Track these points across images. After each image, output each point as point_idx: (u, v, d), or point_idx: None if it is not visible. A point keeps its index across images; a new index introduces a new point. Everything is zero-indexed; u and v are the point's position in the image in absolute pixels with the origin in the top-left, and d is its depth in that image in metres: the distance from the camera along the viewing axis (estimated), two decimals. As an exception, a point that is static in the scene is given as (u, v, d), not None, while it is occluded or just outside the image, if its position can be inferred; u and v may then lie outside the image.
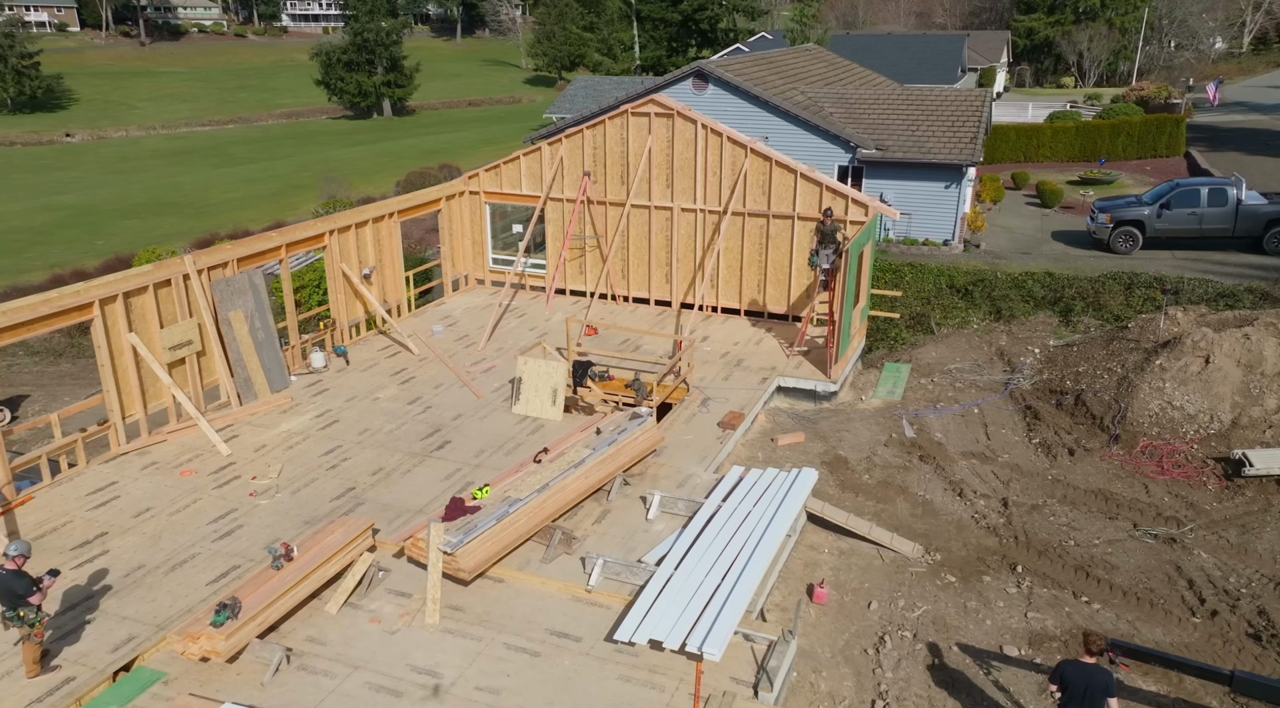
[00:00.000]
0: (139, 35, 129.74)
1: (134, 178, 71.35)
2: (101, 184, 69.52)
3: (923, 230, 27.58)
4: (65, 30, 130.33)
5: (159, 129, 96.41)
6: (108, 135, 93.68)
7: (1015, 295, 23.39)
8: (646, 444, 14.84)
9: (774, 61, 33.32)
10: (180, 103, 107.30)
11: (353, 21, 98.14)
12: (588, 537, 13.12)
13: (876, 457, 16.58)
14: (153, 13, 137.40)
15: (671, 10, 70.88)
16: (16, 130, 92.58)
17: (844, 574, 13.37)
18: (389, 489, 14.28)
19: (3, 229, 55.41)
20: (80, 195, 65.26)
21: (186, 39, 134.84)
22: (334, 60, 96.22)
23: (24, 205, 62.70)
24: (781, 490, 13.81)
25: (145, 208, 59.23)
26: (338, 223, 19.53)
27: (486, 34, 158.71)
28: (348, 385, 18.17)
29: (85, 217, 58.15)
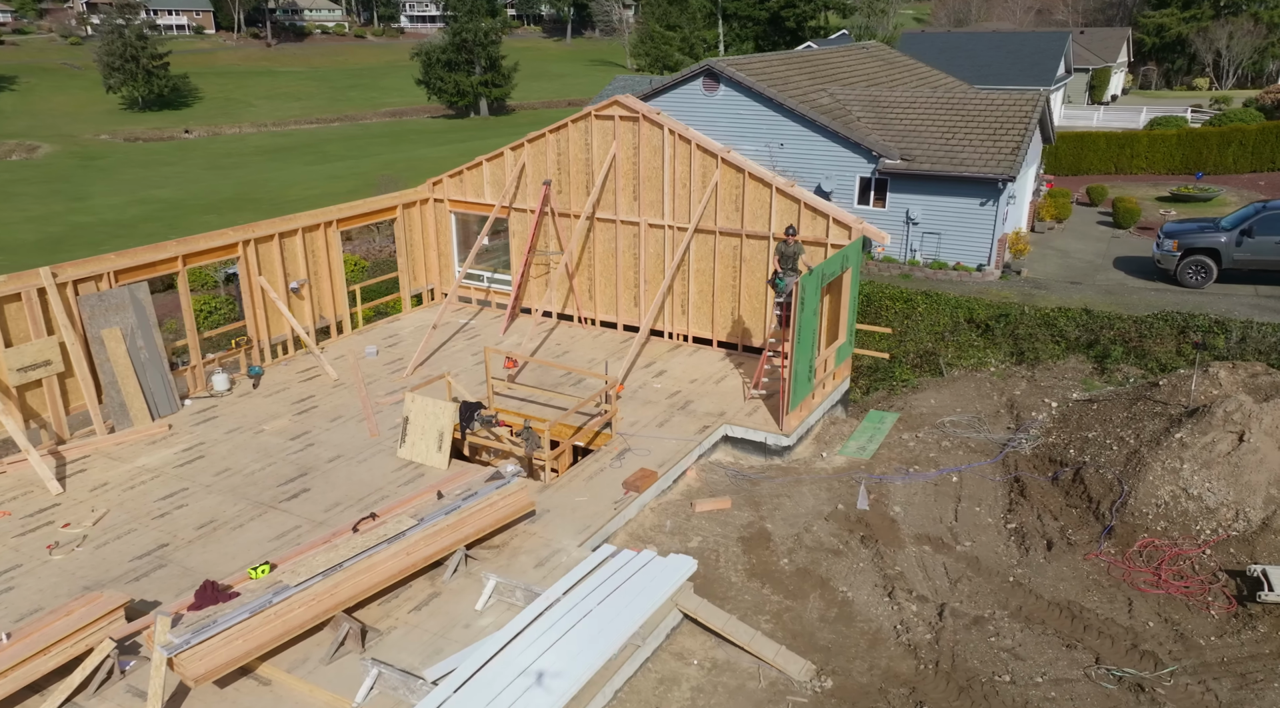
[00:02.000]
0: (266, 37, 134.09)
1: (230, 173, 72.78)
2: (199, 179, 71.09)
3: (953, 253, 23.95)
4: (202, 33, 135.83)
5: (270, 126, 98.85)
6: (222, 131, 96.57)
7: (1044, 335, 19.66)
8: (508, 511, 12.28)
9: (809, 60, 29.98)
10: (294, 101, 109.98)
11: (452, 22, 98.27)
12: (393, 630, 10.67)
13: (809, 534, 13.53)
14: (281, 15, 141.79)
15: (758, 8, 67.50)
16: (142, 126, 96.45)
17: (706, 698, 10.48)
18: (207, 549, 12.17)
19: (94, 221, 56.87)
20: (176, 190, 66.75)
21: (310, 40, 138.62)
22: (434, 60, 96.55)
23: (123, 198, 64.49)
24: (647, 582, 11.06)
25: (229, 203, 59.88)
26: (256, 232, 17.62)
27: (596, 34, 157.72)
28: (239, 413, 16.24)
29: (172, 211, 59.18)
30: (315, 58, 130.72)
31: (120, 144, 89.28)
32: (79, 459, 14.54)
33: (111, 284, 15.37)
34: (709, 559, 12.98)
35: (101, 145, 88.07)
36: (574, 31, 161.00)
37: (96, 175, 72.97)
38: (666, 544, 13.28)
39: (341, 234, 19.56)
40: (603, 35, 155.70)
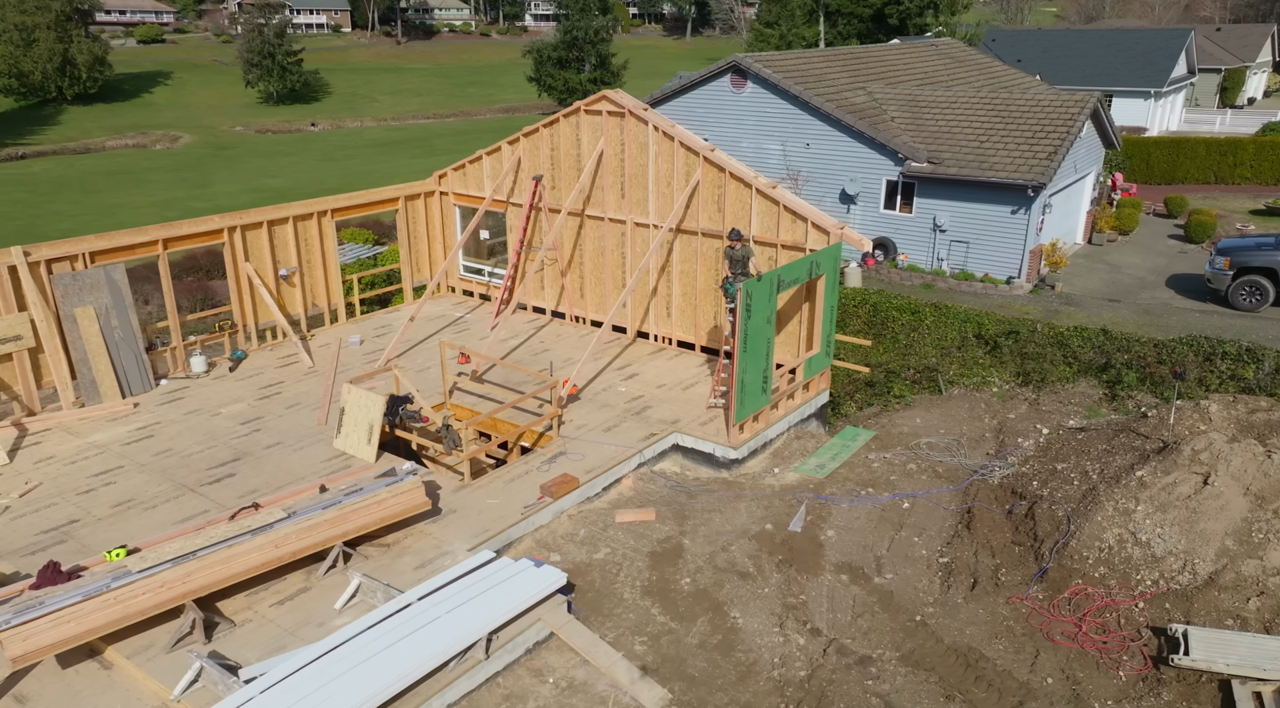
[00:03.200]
0: (397, 35, 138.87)
1: (341, 165, 75.54)
2: (311, 170, 74.03)
3: (981, 263, 22.26)
4: (339, 31, 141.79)
5: (389, 121, 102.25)
6: (344, 125, 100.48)
7: (1055, 355, 17.97)
8: (397, 509, 11.94)
9: (857, 57, 28.51)
10: (415, 97, 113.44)
11: (564, 20, 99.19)
12: (248, 624, 10.50)
13: (725, 554, 12.69)
14: (412, 14, 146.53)
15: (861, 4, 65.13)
16: (274, 119, 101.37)
17: (547, 721, 9.89)
18: (112, 528, 12.31)
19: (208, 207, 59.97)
20: (287, 179, 69.72)
21: (438, 38, 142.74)
22: (545, 58, 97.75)
23: (239, 186, 67.77)
24: (505, 593, 10.53)
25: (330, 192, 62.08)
26: (244, 219, 17.90)
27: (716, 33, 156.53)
28: (206, 396, 16.51)
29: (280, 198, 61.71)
30: (441, 55, 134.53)
31: (251, 136, 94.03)
32: (40, 432, 15.04)
33: (87, 265, 15.84)
34: (609, 573, 12.33)
35: (234, 136, 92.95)
36: (694, 30, 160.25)
37: (222, 164, 76.96)
38: (573, 554, 12.70)
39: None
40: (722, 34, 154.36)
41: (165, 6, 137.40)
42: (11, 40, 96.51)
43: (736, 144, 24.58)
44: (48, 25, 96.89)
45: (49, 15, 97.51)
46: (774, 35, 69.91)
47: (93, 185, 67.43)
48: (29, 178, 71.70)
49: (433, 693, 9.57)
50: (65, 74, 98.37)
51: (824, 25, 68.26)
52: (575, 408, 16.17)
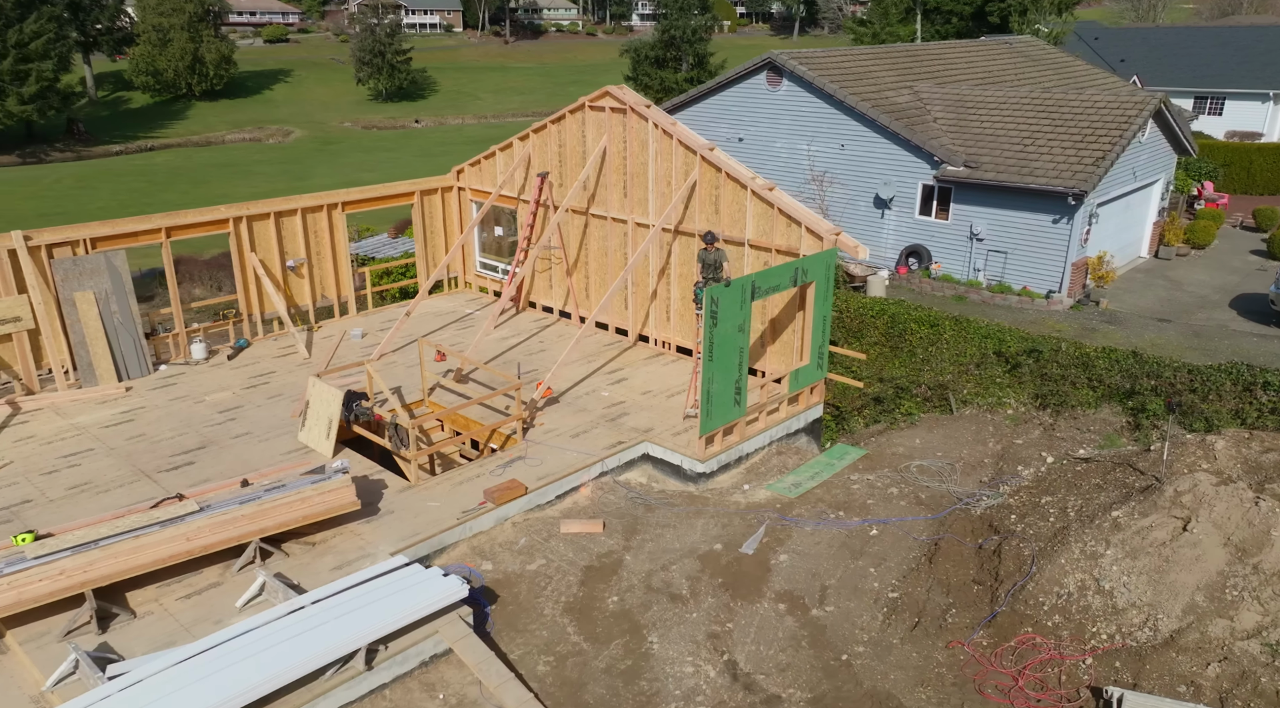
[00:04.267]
0: (505, 34, 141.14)
1: (435, 160, 77.00)
2: (406, 164, 75.76)
3: (1019, 275, 20.61)
4: (450, 31, 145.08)
5: (489, 118, 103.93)
6: (446, 122, 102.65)
7: (1079, 378, 16.40)
8: (322, 507, 11.64)
9: (910, 54, 26.93)
10: (517, 95, 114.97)
11: (662, 19, 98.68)
12: (148, 616, 10.36)
13: (664, 573, 11.94)
14: (521, 14, 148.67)
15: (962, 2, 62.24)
16: (380, 116, 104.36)
17: (422, 740, 9.40)
18: (60, 510, 12.41)
19: (304, 197, 61.94)
20: (381, 173, 71.50)
21: (544, 38, 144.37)
22: (642, 57, 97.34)
23: (335, 179, 69.82)
24: (400, 603, 10.08)
25: (419, 186, 63.24)
26: (250, 210, 18.05)
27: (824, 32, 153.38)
28: (197, 382, 16.68)
29: (370, 191, 63.39)
30: (546, 54, 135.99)
31: (357, 131, 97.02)
32: (32, 411, 15.43)
33: (88, 250, 16.19)
34: (538, 585, 11.76)
35: (342, 132, 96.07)
36: (801, 29, 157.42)
37: (325, 158, 79.54)
38: (506, 563, 12.18)
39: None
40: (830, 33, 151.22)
41: (291, 8, 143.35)
42: (150, 40, 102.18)
43: (771, 144, 23.56)
44: (181, 26, 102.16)
45: (183, 17, 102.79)
46: (866, 34, 67.66)
47: (203, 176, 70.60)
48: (150, 168, 75.65)
49: (304, 702, 9.19)
50: (195, 72, 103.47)
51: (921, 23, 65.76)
52: (552, 411, 15.64)
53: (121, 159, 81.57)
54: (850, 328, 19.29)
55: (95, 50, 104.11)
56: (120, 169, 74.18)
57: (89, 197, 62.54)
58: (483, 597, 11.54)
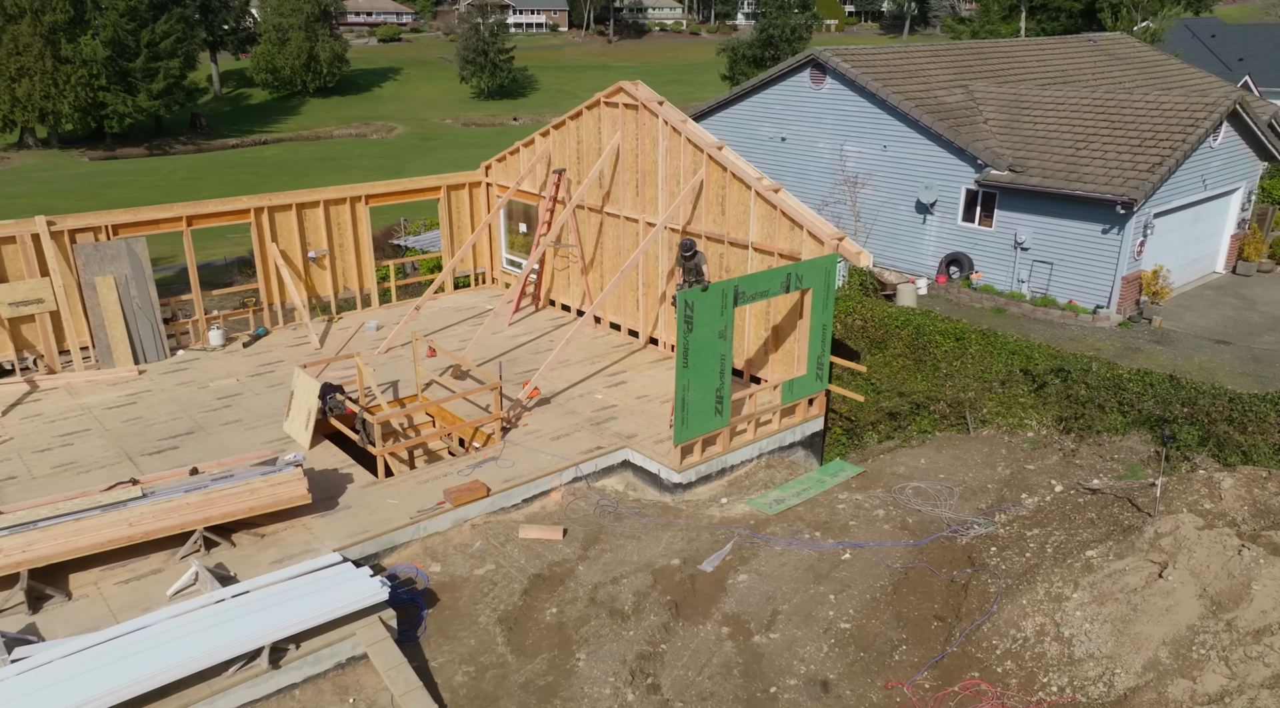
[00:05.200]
0: (609, 33, 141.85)
1: (526, 156, 77.80)
2: (497, 160, 76.59)
3: (1065, 288, 19.07)
4: (556, 30, 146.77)
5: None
6: (543, 119, 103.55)
7: (1109, 401, 15.00)
8: (271, 499, 11.56)
9: (974, 52, 25.34)
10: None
11: (761, 18, 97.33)
12: (83, 599, 10.43)
13: (613, 587, 11.40)
14: (626, 14, 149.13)
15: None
16: (480, 113, 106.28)
17: (315, 746, 9.14)
18: (42, 488, 12.69)
19: (395, 191, 63.50)
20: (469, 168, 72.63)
21: (648, 37, 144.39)
22: (739, 56, 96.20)
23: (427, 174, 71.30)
24: (318, 602, 9.87)
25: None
26: (272, 201, 18.30)
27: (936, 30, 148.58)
28: (208, 369, 16.98)
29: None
30: (648, 53, 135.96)
31: (456, 128, 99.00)
32: (48, 390, 15.98)
33: (109, 236, 16.66)
34: (481, 591, 11.40)
35: (442, 129, 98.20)
36: (911, 28, 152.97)
37: (422, 154, 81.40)
38: (456, 566, 11.87)
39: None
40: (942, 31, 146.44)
41: (405, 8, 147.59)
42: (270, 40, 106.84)
43: (814, 144, 22.58)
44: (299, 26, 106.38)
45: (301, 17, 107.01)
46: (965, 32, 64.93)
47: (305, 170, 73.14)
48: (259, 161, 78.85)
49: (202, 697, 9.06)
50: (309, 69, 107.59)
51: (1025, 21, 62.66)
52: (540, 412, 15.28)
53: (235, 152, 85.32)
54: (874, 338, 18.26)
55: (221, 49, 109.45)
56: (231, 161, 77.60)
57: (199, 186, 65.58)
58: (422, 600, 11.26)
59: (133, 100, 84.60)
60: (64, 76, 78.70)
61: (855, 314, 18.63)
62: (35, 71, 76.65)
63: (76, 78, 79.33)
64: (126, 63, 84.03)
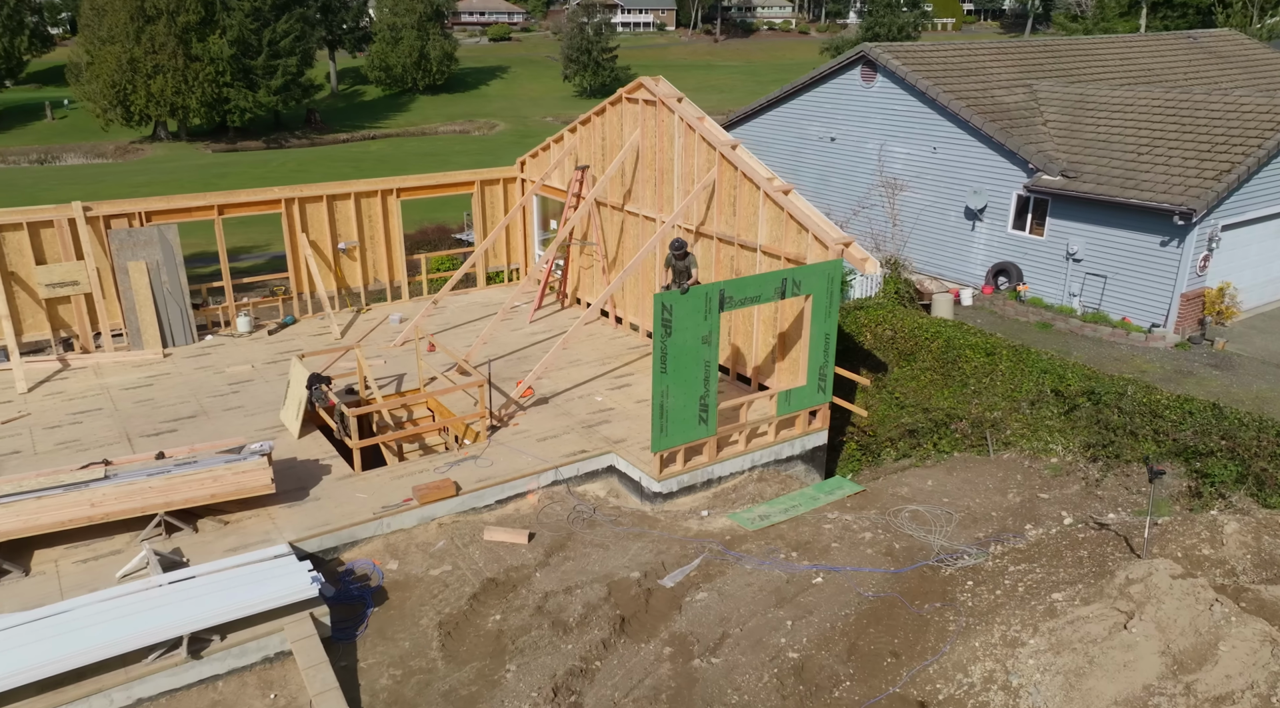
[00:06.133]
0: (715, 33, 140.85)
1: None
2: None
3: (1119, 304, 17.50)
4: (663, 30, 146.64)
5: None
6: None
7: (1142, 428, 13.63)
8: (234, 486, 11.58)
9: (1046, 49, 23.64)
10: (716, 93, 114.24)
11: (867, 16, 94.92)
12: (39, 576, 10.65)
13: (565, 597, 10.95)
14: (734, 13, 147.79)
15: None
16: (580, 111, 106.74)
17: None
18: (42, 463, 13.15)
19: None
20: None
21: (755, 36, 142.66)
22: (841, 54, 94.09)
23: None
24: (243, 595, 9.79)
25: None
26: (303, 192, 18.57)
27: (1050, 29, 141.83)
28: (228, 354, 17.33)
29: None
30: (754, 53, 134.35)
31: (556, 126, 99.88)
32: (77, 369, 16.59)
33: (143, 223, 17.19)
34: (431, 592, 11.15)
35: (541, 126, 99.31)
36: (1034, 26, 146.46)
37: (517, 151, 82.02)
38: (414, 565, 11.67)
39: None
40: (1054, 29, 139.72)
41: (517, 8, 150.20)
42: (384, 39, 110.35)
43: (863, 144, 21.49)
44: (412, 25, 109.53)
45: (414, 16, 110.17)
46: (1077, 29, 61.48)
47: (404, 164, 75.02)
48: (363, 156, 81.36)
49: (117, 683, 9.07)
50: (420, 67, 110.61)
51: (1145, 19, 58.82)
52: (534, 412, 14.97)
53: (343, 147, 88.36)
54: (903, 350, 17.22)
55: (339, 48, 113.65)
56: (338, 155, 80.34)
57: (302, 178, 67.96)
58: (371, 598, 11.08)
59: (253, 96, 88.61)
60: (193, 74, 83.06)
61: (886, 324, 17.62)
62: (168, 69, 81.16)
63: (204, 75, 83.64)
64: (249, 60, 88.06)
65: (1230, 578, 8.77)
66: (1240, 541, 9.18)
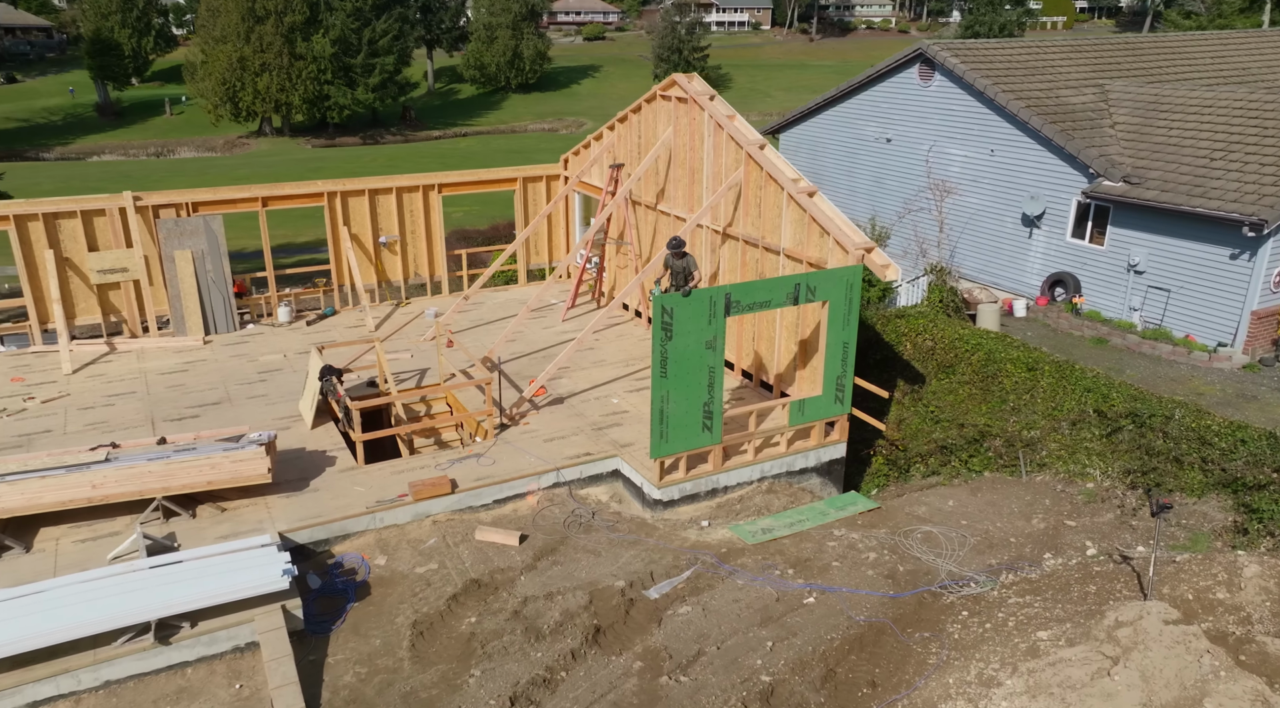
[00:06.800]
0: (811, 32, 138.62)
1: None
2: (673, 157, 76.51)
3: (1184, 321, 16.18)
4: (758, 29, 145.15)
5: (773, 115, 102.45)
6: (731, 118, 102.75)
7: (1189, 455, 12.54)
8: (230, 474, 11.72)
9: (1129, 47, 22.14)
10: (808, 93, 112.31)
11: (967, 14, 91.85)
12: (38, 553, 10.97)
13: (543, 603, 10.70)
14: (832, 11, 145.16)
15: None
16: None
17: (185, 725, 9.08)
18: (68, 442, 13.63)
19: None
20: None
21: (852, 35, 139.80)
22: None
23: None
24: (224, 582, 9.87)
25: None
26: (345, 186, 18.82)
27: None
28: (265, 344, 17.69)
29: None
30: (851, 52, 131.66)
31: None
32: (123, 353, 17.17)
33: (189, 213, 17.68)
34: (411, 590, 11.06)
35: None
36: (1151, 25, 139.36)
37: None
38: (402, 562, 11.61)
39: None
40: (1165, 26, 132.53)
41: (612, 7, 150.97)
42: (479, 38, 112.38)
43: (919, 146, 20.56)
44: (507, 25, 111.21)
45: (509, 16, 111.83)
46: (1191, 26, 57.98)
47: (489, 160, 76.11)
48: (451, 152, 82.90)
49: (85, 664, 9.23)
50: (513, 66, 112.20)
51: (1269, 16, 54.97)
52: (547, 412, 14.78)
53: (434, 143, 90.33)
54: (942, 362, 16.37)
55: (437, 47, 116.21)
56: (426, 152, 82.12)
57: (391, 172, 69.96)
58: (354, 593, 11.06)
59: (351, 93, 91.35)
60: (297, 72, 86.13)
61: (926, 334, 16.80)
62: (274, 67, 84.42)
63: (307, 73, 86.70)
64: (349, 59, 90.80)
65: (1243, 626, 7.90)
66: (1261, 586, 8.26)
